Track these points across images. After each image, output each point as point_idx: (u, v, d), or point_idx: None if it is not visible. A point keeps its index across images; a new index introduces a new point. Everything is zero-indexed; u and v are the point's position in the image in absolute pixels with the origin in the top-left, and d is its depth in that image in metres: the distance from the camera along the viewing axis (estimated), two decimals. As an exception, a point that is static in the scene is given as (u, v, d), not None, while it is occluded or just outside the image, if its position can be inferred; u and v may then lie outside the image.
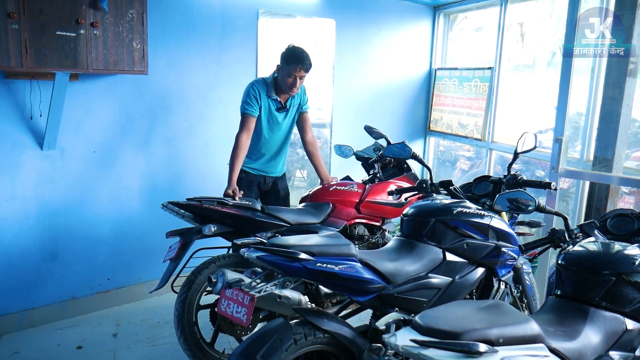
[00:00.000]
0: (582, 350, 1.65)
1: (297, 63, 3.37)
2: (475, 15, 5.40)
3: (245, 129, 3.43)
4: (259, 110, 3.46)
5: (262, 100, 3.46)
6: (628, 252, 1.93)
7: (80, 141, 3.65)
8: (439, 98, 5.50)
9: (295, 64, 3.37)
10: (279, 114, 3.55)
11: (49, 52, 3.03)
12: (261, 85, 3.47)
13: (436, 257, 2.46)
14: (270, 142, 3.61)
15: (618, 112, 3.49)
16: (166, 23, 3.84)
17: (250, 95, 3.43)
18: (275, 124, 3.57)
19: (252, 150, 3.56)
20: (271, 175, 3.70)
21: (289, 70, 3.39)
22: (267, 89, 3.48)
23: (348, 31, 4.91)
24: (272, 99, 3.49)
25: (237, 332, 2.89)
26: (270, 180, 3.71)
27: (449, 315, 1.55)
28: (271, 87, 3.49)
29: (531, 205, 2.37)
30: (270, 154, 3.65)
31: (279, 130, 3.60)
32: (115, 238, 3.92)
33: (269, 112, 3.52)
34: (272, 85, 3.49)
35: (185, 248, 3.00)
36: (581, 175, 3.65)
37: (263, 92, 3.47)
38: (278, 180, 3.76)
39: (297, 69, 3.38)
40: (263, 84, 3.49)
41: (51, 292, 3.70)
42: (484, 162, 4.99)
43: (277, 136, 3.62)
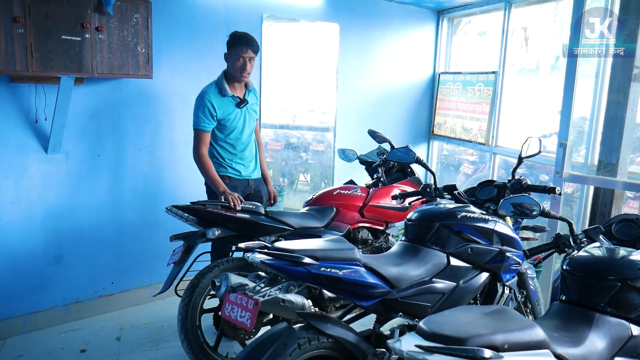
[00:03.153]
0: (587, 356, 1.65)
1: (243, 44, 3.32)
2: (479, 19, 5.40)
3: (201, 144, 3.36)
4: (217, 118, 3.37)
5: (217, 106, 3.35)
6: (633, 257, 1.92)
7: (84, 145, 3.66)
8: (442, 102, 5.50)
9: (241, 45, 3.32)
10: (240, 110, 3.47)
11: (54, 56, 3.04)
12: (212, 91, 3.37)
13: (440, 262, 2.46)
14: (244, 141, 3.54)
15: (623, 117, 3.48)
16: (171, 27, 3.86)
17: (202, 109, 3.33)
18: (239, 122, 3.48)
19: (229, 156, 3.51)
20: (253, 177, 3.64)
21: (237, 53, 3.33)
22: (220, 89, 3.39)
23: (352, 35, 4.92)
24: (229, 96, 3.40)
25: (240, 336, 2.89)
26: (252, 184, 3.64)
27: (453, 320, 1.54)
28: (223, 85, 3.39)
29: (536, 210, 2.36)
30: (247, 154, 3.59)
31: (244, 126, 3.52)
32: (119, 242, 3.93)
33: (231, 112, 3.43)
34: (223, 82, 3.40)
35: (189, 252, 3.00)
36: (586, 180, 3.65)
37: (216, 96, 3.37)
38: (259, 184, 3.70)
39: (244, 50, 3.32)
40: (214, 88, 3.39)
41: (55, 295, 3.71)
42: (488, 166, 4.98)
43: (245, 132, 3.53)
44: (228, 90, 3.40)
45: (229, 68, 3.42)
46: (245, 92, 3.53)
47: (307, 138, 5.87)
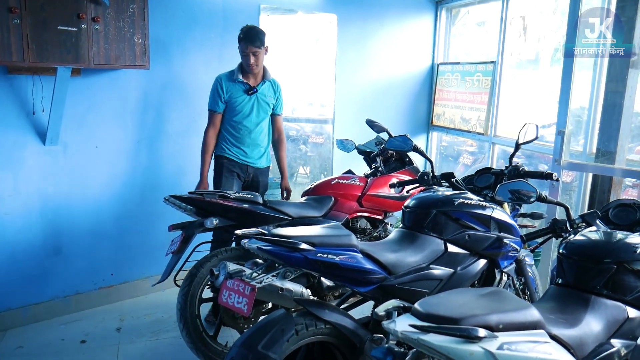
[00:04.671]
0: (583, 337, 1.65)
1: (245, 41, 3.48)
2: (478, 9, 5.38)
3: (210, 125, 3.64)
4: (224, 100, 3.58)
5: (225, 89, 3.56)
6: (629, 240, 1.92)
7: (82, 136, 3.66)
8: (441, 93, 5.49)
9: (245, 42, 3.49)
10: (248, 97, 3.61)
11: (51, 47, 3.03)
12: (225, 76, 3.61)
13: (438, 249, 2.46)
14: (247, 126, 3.65)
15: (621, 105, 3.47)
16: (167, 18, 3.84)
17: (213, 91, 3.61)
18: (246, 107, 3.62)
19: (232, 137, 3.67)
20: (253, 165, 3.73)
21: (242, 49, 3.51)
22: (232, 75, 3.59)
23: (350, 26, 4.90)
24: (238, 81, 3.58)
25: (239, 325, 2.89)
26: (252, 171, 3.74)
27: (448, 302, 1.55)
28: (237, 72, 3.59)
29: (532, 195, 2.36)
30: (250, 141, 3.69)
31: (251, 113, 3.64)
32: (118, 233, 3.93)
33: (238, 96, 3.59)
34: (238, 70, 3.60)
35: (187, 241, 3.02)
36: (584, 168, 3.64)
37: (226, 81, 3.58)
38: (259, 174, 3.79)
39: (247, 46, 3.48)
40: (227, 74, 3.62)
41: (55, 287, 3.71)
42: (487, 156, 4.98)
43: (252, 120, 3.65)
44: (239, 76, 3.58)
45: (241, 60, 3.60)
46: (260, 82, 3.66)
47: (306, 130, 5.86)
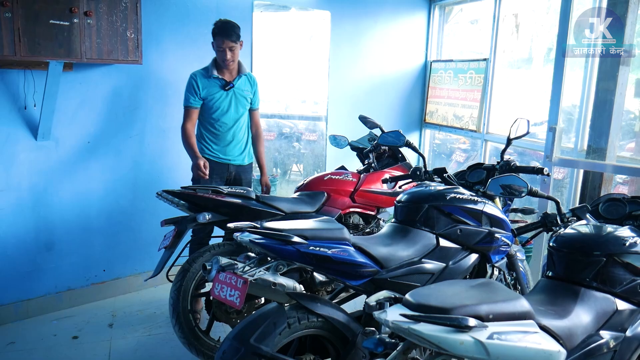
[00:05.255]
0: (572, 328, 1.66)
1: (222, 36, 3.43)
2: (471, 7, 5.40)
3: (188, 120, 3.54)
4: (201, 96, 3.51)
5: (201, 85, 3.49)
6: (619, 233, 1.94)
7: (74, 132, 3.65)
8: (434, 90, 5.51)
9: (220, 36, 3.44)
10: (225, 92, 3.56)
11: (43, 41, 3.02)
12: (199, 72, 3.54)
13: (430, 243, 2.48)
14: (226, 123, 3.61)
15: (611, 102, 3.50)
16: (160, 13, 3.84)
17: (188, 87, 3.52)
18: (224, 103, 3.57)
19: (211, 135, 3.62)
20: (234, 162, 3.69)
21: (217, 44, 3.47)
22: (207, 71, 3.54)
23: (343, 23, 4.91)
24: (214, 77, 3.52)
25: (232, 319, 2.90)
26: (233, 169, 3.69)
27: (439, 292, 1.56)
28: (212, 68, 3.53)
29: (524, 189, 2.38)
30: (230, 137, 3.64)
31: (229, 109, 3.60)
32: (110, 229, 3.92)
33: (215, 92, 3.54)
34: (212, 66, 3.54)
35: (180, 236, 3.01)
36: (575, 164, 3.67)
37: (202, 77, 3.52)
38: (242, 172, 3.75)
39: (223, 41, 3.44)
40: (202, 70, 3.55)
41: (47, 283, 3.70)
42: (480, 153, 5.00)
43: (231, 116, 3.61)
44: (214, 72, 3.52)
45: (216, 56, 3.55)
46: (236, 77, 3.60)
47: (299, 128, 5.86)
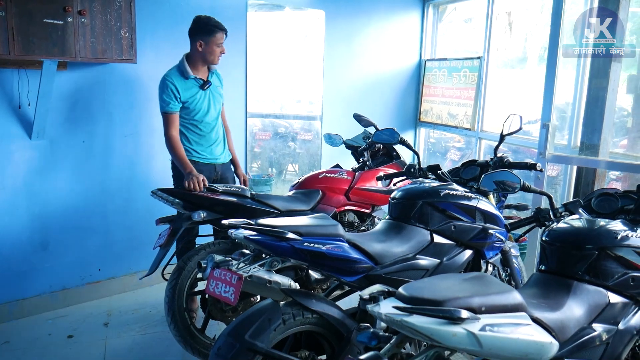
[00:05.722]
0: (564, 321, 1.68)
1: (222, 30, 3.36)
2: (464, 6, 5.42)
3: (171, 127, 3.33)
4: (181, 100, 3.33)
5: (180, 88, 3.32)
6: (611, 227, 1.95)
7: (69, 131, 3.64)
8: (428, 89, 5.52)
9: (219, 30, 3.35)
10: (204, 92, 3.43)
11: (37, 40, 3.02)
12: (174, 74, 3.35)
13: (424, 239, 2.49)
14: (209, 123, 3.49)
15: (604, 98, 3.53)
16: (155, 12, 3.84)
17: (165, 91, 3.30)
18: (204, 103, 3.44)
19: (195, 137, 3.46)
20: (220, 162, 3.59)
21: (216, 40, 3.35)
22: (182, 72, 3.36)
23: (338, 22, 4.92)
24: (191, 78, 3.37)
25: (227, 317, 2.90)
26: (219, 169, 3.59)
27: (432, 285, 1.57)
28: (185, 68, 3.36)
29: (517, 185, 2.40)
30: (213, 136, 3.54)
31: (210, 108, 3.47)
32: (105, 228, 3.92)
33: (195, 94, 3.39)
34: (185, 65, 3.37)
35: (175, 235, 3.01)
36: (568, 160, 3.69)
37: (178, 79, 3.34)
38: (226, 170, 3.66)
39: (222, 36, 3.37)
40: (175, 71, 3.37)
41: (42, 282, 3.69)
42: (474, 151, 5.02)
43: (212, 115, 3.50)
44: (190, 72, 3.37)
45: (202, 52, 3.37)
46: (209, 74, 3.50)
47: (294, 127, 5.87)
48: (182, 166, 3.27)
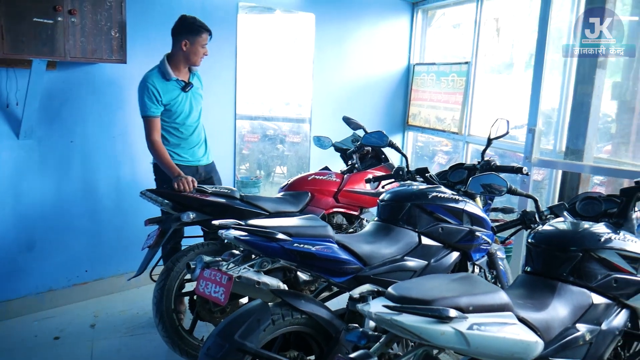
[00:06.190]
0: (549, 321, 1.71)
1: (206, 30, 3.30)
2: (453, 11, 5.48)
3: (154, 131, 3.26)
4: (162, 103, 3.26)
5: (161, 90, 3.24)
6: (594, 229, 2.00)
7: (57, 131, 3.63)
8: (417, 93, 5.57)
9: (205, 31, 3.30)
10: (185, 94, 3.37)
11: (26, 39, 3.00)
12: (155, 76, 3.27)
13: (412, 241, 2.51)
14: (191, 126, 3.44)
15: (589, 104, 3.59)
16: (145, 13, 3.84)
17: (146, 94, 3.22)
18: (185, 105, 3.38)
19: (176, 140, 3.41)
20: (202, 163, 3.54)
21: (201, 40, 3.29)
22: (163, 73, 3.29)
23: (328, 26, 4.95)
24: (172, 80, 3.30)
25: (216, 318, 2.91)
26: (202, 170, 3.54)
27: (421, 285, 1.60)
28: (166, 69, 3.29)
29: (503, 187, 2.44)
30: (195, 138, 3.49)
31: (191, 110, 3.42)
32: (93, 229, 3.90)
33: (176, 96, 3.32)
34: (166, 66, 3.29)
35: (163, 236, 3.01)
36: (553, 165, 3.75)
37: (159, 81, 3.25)
38: (210, 171, 3.62)
39: (207, 37, 3.32)
40: (156, 73, 3.29)
41: (28, 283, 3.66)
42: (461, 155, 5.07)
43: (193, 116, 3.44)
44: (172, 73, 3.30)
45: (186, 52, 3.30)
46: (190, 75, 3.45)
47: (283, 130, 5.88)
48: (169, 170, 3.22)
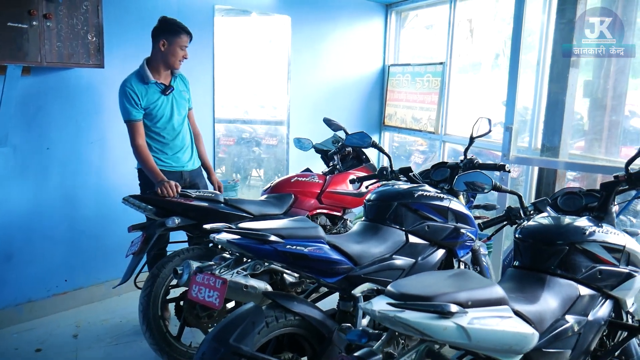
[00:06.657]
0: (542, 313, 1.76)
1: (186, 32, 3.26)
2: (426, 12, 5.57)
3: (137, 135, 3.21)
4: (142, 106, 3.22)
5: (140, 94, 3.21)
6: (578, 223, 2.06)
7: (33, 138, 3.54)
8: (392, 94, 5.64)
9: (185, 33, 3.26)
10: (166, 97, 3.32)
11: (0, 44, 2.93)
12: (133, 80, 3.23)
13: (399, 239, 2.55)
14: (174, 130, 3.39)
15: (563, 102, 3.70)
16: (122, 16, 3.78)
17: (126, 98, 3.18)
18: (166, 109, 3.33)
19: (159, 145, 3.37)
20: (187, 169, 3.50)
21: (180, 42, 3.25)
22: (142, 77, 3.25)
23: (303, 28, 4.97)
24: (152, 83, 3.25)
25: (203, 324, 2.89)
26: (187, 176, 3.49)
27: (419, 282, 1.62)
28: (145, 73, 3.25)
29: (488, 185, 2.49)
30: (179, 143, 3.44)
31: (173, 114, 3.36)
32: (72, 238, 3.82)
33: (156, 99, 3.28)
34: (145, 70, 3.26)
35: (148, 242, 2.97)
36: (530, 162, 3.84)
37: (138, 84, 3.22)
38: (195, 176, 3.57)
39: (187, 39, 3.28)
40: (135, 77, 3.25)
41: (6, 295, 3.57)
42: (438, 154, 5.15)
43: (176, 120, 3.39)
44: (150, 77, 3.25)
45: (164, 53, 3.26)
46: (171, 78, 3.40)
47: (259, 132, 5.89)
48: (153, 175, 3.19)
